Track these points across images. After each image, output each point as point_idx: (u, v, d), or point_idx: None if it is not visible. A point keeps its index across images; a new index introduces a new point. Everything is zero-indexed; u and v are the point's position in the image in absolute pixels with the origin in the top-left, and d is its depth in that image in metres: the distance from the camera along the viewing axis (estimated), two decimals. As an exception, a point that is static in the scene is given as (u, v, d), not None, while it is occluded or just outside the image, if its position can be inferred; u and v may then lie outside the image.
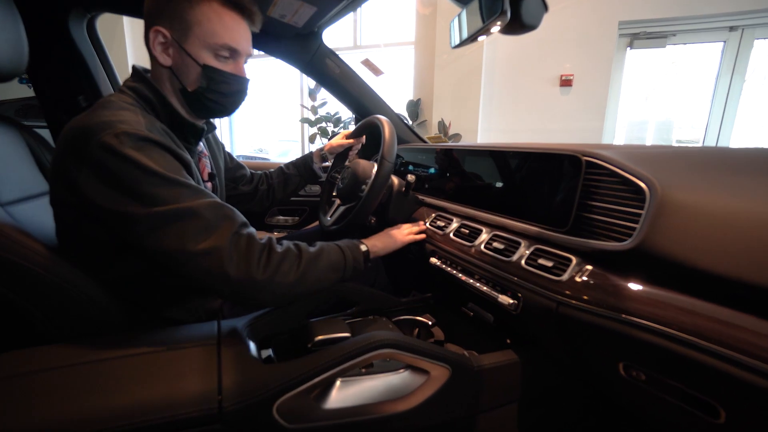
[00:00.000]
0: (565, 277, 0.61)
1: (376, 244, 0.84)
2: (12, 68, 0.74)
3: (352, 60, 1.41)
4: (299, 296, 0.68)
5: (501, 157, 0.84)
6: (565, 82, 3.65)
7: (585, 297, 0.57)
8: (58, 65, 0.96)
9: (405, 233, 0.93)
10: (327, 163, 1.25)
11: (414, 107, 3.98)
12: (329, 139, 1.27)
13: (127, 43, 3.81)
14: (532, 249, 0.69)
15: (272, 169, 1.22)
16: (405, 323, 0.85)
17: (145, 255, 0.60)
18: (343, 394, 0.58)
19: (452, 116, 3.78)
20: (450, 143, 1.16)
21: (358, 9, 1.30)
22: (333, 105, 4.33)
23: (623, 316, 0.51)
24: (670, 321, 0.47)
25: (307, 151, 1.24)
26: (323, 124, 4.23)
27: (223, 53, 0.72)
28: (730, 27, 3.26)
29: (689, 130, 3.81)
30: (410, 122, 4.06)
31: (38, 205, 0.77)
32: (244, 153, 6.75)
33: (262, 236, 0.67)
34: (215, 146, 1.00)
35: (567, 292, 0.59)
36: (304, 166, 1.21)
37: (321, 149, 1.21)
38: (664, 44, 3.46)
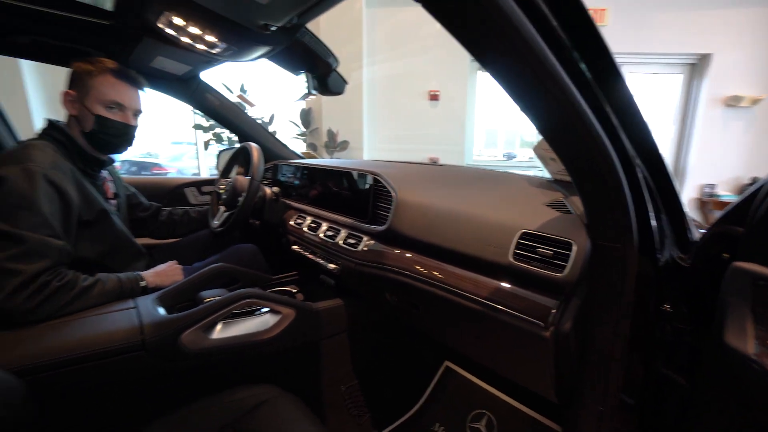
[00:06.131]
0: (360, 248, 1.04)
1: (154, 280, 1.05)
2: None
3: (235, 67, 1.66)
4: (72, 314, 0.85)
5: (335, 173, 1.25)
6: (433, 97, 4.34)
7: (368, 258, 1.00)
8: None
9: (172, 276, 1.10)
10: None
11: (306, 116, 4.30)
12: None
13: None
14: (347, 233, 1.11)
15: (179, 209, 1.48)
16: (275, 292, 1.21)
17: None
18: (225, 330, 0.92)
19: (341, 125, 4.20)
20: (306, 161, 1.54)
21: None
22: (226, 111, 4.37)
23: (384, 266, 0.96)
24: (403, 267, 0.91)
25: (202, 157, 1.52)
26: (217, 130, 4.28)
27: (113, 107, 1.04)
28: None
29: (532, 137, 4.84)
30: (303, 129, 4.38)
31: None
32: (130, 158, 6.28)
33: (68, 275, 0.86)
34: (118, 177, 1.28)
35: (359, 257, 1.02)
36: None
37: None
38: (503, 69, 4.37)
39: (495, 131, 4.88)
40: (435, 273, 0.85)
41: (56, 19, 1.03)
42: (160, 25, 0.93)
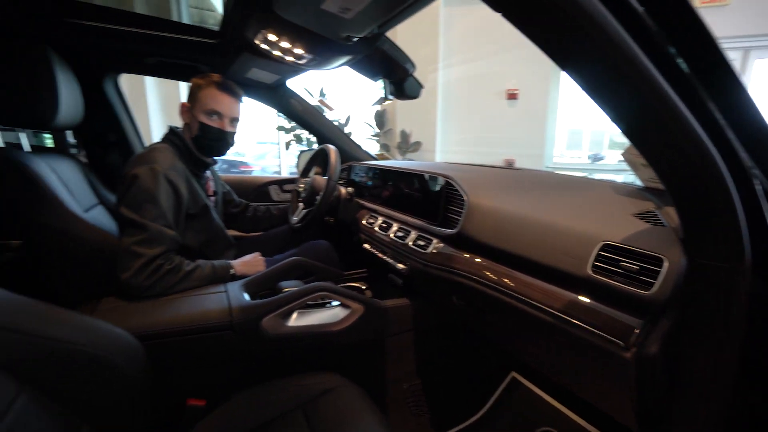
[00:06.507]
0: (429, 250, 1.05)
1: (241, 269, 1.18)
2: (74, 120, 1.13)
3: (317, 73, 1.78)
4: (177, 293, 1.01)
5: (407, 175, 1.28)
6: (512, 96, 4.16)
7: (436, 261, 1.01)
8: (93, 111, 1.33)
9: (256, 266, 1.23)
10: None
11: (380, 117, 4.42)
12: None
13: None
14: (417, 234, 1.13)
15: (262, 205, 1.65)
16: (345, 288, 1.28)
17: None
18: (301, 319, 1.01)
19: (414, 126, 4.25)
20: (379, 162, 1.60)
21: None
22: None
23: (452, 269, 0.96)
24: (472, 272, 0.91)
25: (283, 156, 1.66)
26: (297, 131, 4.60)
27: (213, 115, 1.18)
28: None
29: (624, 138, 4.40)
30: (378, 130, 4.50)
31: (99, 210, 1.16)
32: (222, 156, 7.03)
33: (175, 260, 1.02)
34: (217, 177, 1.47)
35: (428, 258, 1.04)
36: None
37: None
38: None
39: (579, 132, 4.52)
40: (505, 280, 0.83)
41: (176, 42, 1.21)
42: (257, 42, 1.04)
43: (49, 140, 3.06)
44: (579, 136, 4.51)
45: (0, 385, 0.50)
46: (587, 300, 0.69)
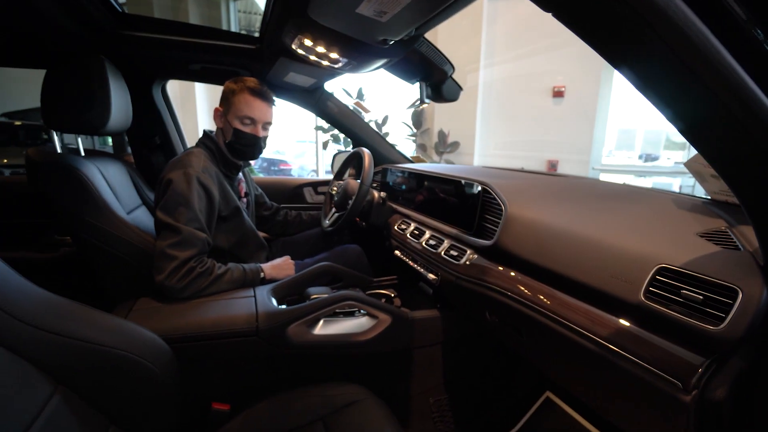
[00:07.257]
0: (462, 261, 1.00)
1: (271, 273, 1.18)
2: (124, 125, 1.19)
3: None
4: (208, 295, 1.02)
5: (442, 180, 1.23)
6: (558, 93, 3.95)
7: (469, 273, 0.96)
8: (141, 115, 1.41)
9: (286, 270, 1.23)
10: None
11: (417, 116, 4.36)
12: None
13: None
14: (450, 244, 1.08)
15: (293, 211, 1.67)
16: (374, 295, 1.26)
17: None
18: (326, 327, 1.00)
19: (452, 126, 4.15)
20: (414, 166, 1.56)
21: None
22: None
23: (485, 284, 0.91)
24: (507, 288, 0.85)
25: (321, 155, 1.66)
26: (335, 132, 4.65)
27: (246, 121, 1.19)
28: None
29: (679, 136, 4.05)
30: (415, 130, 4.45)
31: (141, 211, 1.22)
32: (262, 155, 7.31)
33: (207, 263, 1.04)
34: (249, 179, 1.48)
35: (461, 270, 0.99)
36: (319, 222, 1.66)
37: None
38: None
39: (632, 131, 4.21)
40: (541, 297, 0.77)
41: (219, 49, 1.24)
42: (294, 47, 1.04)
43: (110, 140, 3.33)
44: (631, 135, 4.20)
45: (37, 384, 0.52)
46: (636, 329, 0.62)
